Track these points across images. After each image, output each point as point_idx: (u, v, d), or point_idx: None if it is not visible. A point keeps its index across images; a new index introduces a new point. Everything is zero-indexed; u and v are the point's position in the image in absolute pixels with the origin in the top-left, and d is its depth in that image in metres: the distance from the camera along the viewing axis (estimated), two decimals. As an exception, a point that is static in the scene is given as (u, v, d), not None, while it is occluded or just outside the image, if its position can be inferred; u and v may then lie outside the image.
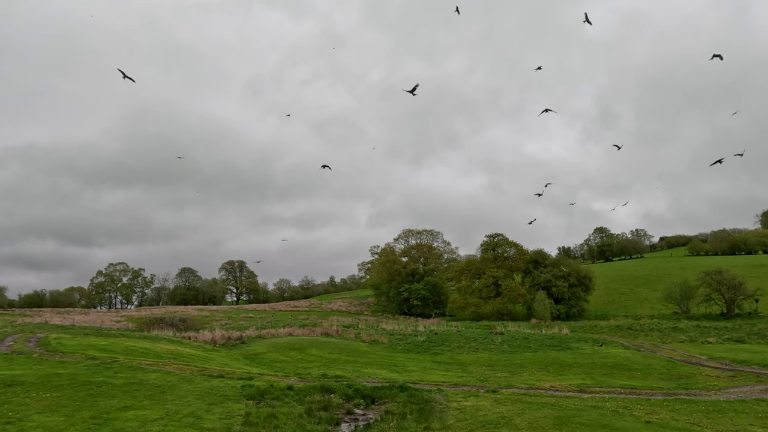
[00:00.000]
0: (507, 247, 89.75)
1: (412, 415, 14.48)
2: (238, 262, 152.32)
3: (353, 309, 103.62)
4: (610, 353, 34.47)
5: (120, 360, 22.06)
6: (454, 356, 34.33)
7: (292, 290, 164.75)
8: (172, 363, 22.81)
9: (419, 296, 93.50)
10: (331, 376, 23.05)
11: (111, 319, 69.37)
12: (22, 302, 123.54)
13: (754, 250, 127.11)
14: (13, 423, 11.83)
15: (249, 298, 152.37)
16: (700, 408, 17.01)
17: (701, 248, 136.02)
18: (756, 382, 24.27)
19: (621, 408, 16.31)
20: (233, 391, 16.67)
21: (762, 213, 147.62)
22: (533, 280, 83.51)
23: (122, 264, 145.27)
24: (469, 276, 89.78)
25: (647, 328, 51.84)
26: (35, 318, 67.02)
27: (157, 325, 53.70)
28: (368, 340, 40.23)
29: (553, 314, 74.71)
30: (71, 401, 13.97)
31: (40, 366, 19.40)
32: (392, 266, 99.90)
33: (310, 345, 34.58)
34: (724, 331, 46.75)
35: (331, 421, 14.14)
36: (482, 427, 13.21)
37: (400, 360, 31.90)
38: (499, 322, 68.19)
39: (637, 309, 77.98)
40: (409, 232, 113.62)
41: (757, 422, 15.12)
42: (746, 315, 65.58)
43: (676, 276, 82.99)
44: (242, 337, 38.47)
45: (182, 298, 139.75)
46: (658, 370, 28.86)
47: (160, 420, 12.63)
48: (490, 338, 41.95)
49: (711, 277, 69.61)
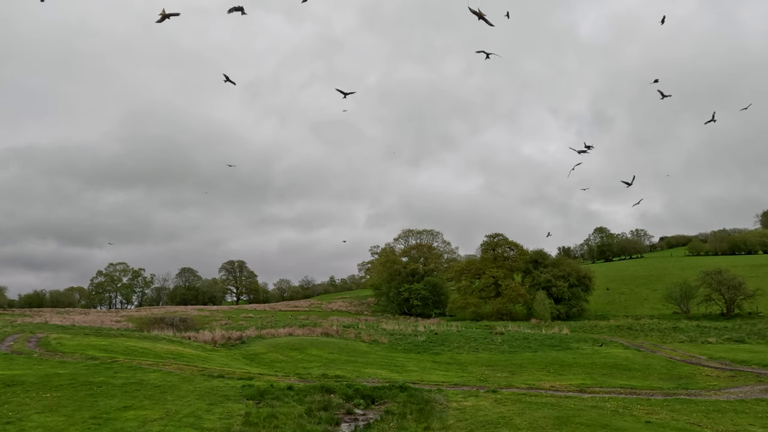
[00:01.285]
0: (507, 247, 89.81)
1: (412, 415, 14.47)
2: (238, 262, 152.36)
3: (353, 309, 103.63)
4: (610, 353, 34.47)
5: (120, 360, 22.06)
6: (454, 356, 34.32)
7: (292, 290, 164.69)
8: (172, 363, 22.80)
9: (419, 296, 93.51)
10: (331, 376, 23.04)
11: (111, 319, 69.39)
12: (22, 302, 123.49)
13: (754, 250, 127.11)
14: (13, 423, 11.83)
15: (249, 298, 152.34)
16: (700, 408, 17.01)
17: (701, 248, 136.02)
18: (756, 382, 24.26)
19: (621, 408, 16.30)
20: (233, 391, 16.66)
21: (762, 213, 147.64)
22: (533, 280, 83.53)
23: (122, 264, 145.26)
24: (469, 276, 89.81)
25: (647, 328, 51.84)
26: (35, 318, 67.01)
27: (157, 325, 53.68)
28: (368, 340, 40.23)
29: (553, 314, 74.73)
30: (71, 401, 13.97)
31: (40, 366, 19.40)
32: (392, 266, 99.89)
33: (310, 345, 34.58)
34: (724, 331, 46.75)
35: (331, 421, 14.13)
36: (482, 427, 13.20)
37: (400, 360, 31.89)
38: (499, 322, 68.19)
39: (637, 309, 77.99)
40: (409, 232, 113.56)
41: (757, 422, 15.11)
42: (746, 315, 65.57)
43: (676, 276, 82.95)
44: (242, 337, 38.47)
45: (182, 298, 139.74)
46: (658, 370, 28.86)
47: (160, 420, 12.63)
48: (490, 338, 41.95)
49: (711, 277, 69.61)
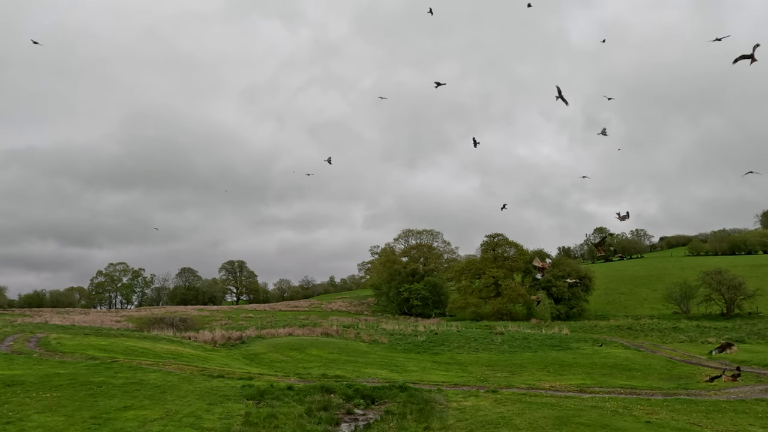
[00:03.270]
0: (507, 247, 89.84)
1: (412, 415, 14.47)
2: (238, 262, 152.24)
3: (353, 309, 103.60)
4: (610, 353, 34.47)
5: (120, 360, 22.05)
6: (454, 356, 34.33)
7: (292, 290, 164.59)
8: (172, 363, 22.80)
9: (419, 296, 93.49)
10: (331, 376, 23.04)
11: (111, 319, 69.37)
12: (22, 302, 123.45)
13: (754, 250, 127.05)
14: (13, 423, 11.83)
15: (249, 298, 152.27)
16: (700, 408, 17.01)
17: (701, 248, 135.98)
18: (756, 382, 24.28)
19: (621, 408, 16.30)
20: (233, 391, 16.66)
21: (762, 213, 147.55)
22: (533, 280, 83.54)
23: (122, 264, 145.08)
24: (469, 276, 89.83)
25: (647, 328, 51.85)
26: (35, 318, 66.99)
27: (157, 325, 53.63)
28: (368, 340, 40.23)
29: (553, 314, 74.74)
30: (71, 401, 13.97)
31: (40, 366, 19.40)
32: (392, 266, 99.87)
33: (310, 345, 34.59)
34: (724, 331, 46.77)
35: (331, 421, 14.13)
36: (482, 427, 13.20)
37: (400, 360, 31.90)
38: (499, 322, 68.18)
39: (637, 309, 78.00)
40: (409, 232, 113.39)
41: (757, 422, 15.12)
42: (746, 315, 65.57)
43: (676, 276, 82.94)
44: (242, 337, 38.46)
45: (182, 298, 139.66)
46: (658, 370, 28.87)
47: (160, 420, 12.63)
48: (490, 338, 41.95)
49: (711, 277, 69.59)
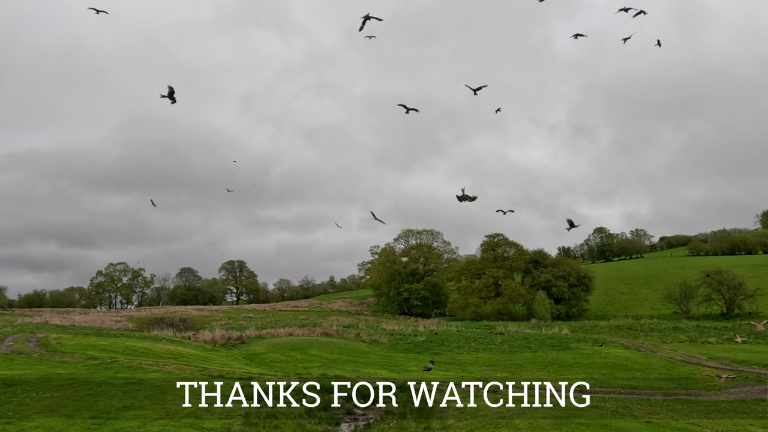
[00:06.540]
0: (507, 247, 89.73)
1: (412, 415, 14.47)
2: (238, 262, 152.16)
3: (353, 309, 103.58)
4: (610, 353, 34.47)
5: (120, 360, 22.05)
6: (454, 356, 34.33)
7: (292, 290, 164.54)
8: (172, 363, 22.80)
9: (419, 296, 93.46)
10: (331, 376, 23.05)
11: (111, 319, 69.38)
12: (22, 302, 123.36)
13: (755, 250, 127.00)
14: (13, 423, 11.83)
15: (249, 298, 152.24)
16: (700, 408, 17.02)
17: (701, 248, 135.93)
18: (756, 382, 24.27)
19: (621, 408, 16.30)
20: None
21: (762, 213, 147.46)
22: (533, 280, 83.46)
23: (122, 264, 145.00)
24: (469, 276, 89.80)
25: (647, 328, 51.83)
26: (35, 318, 67.02)
27: (157, 325, 53.55)
28: (368, 340, 40.23)
29: (553, 314, 74.72)
30: (71, 401, 13.97)
31: (40, 366, 19.40)
32: (392, 266, 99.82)
33: (310, 345, 34.60)
34: (724, 331, 46.74)
35: (331, 421, 14.12)
36: (482, 427, 13.20)
37: (400, 360, 31.91)
38: (499, 322, 68.18)
39: (637, 309, 77.96)
40: (409, 232, 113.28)
41: (757, 422, 15.11)
42: (746, 315, 65.53)
43: (676, 276, 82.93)
44: (242, 337, 38.47)
45: (182, 298, 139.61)
46: (658, 370, 28.87)
47: (160, 420, 12.63)
48: (490, 338, 41.95)
49: (711, 277, 69.53)
